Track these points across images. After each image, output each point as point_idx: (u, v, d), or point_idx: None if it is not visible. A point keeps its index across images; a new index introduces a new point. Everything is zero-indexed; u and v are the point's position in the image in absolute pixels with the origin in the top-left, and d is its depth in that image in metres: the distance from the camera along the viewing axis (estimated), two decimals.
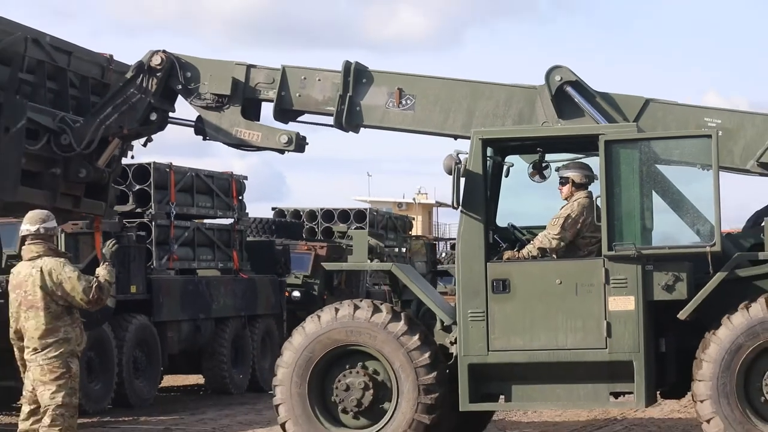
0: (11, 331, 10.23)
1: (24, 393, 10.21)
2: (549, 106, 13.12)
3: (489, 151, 12.32)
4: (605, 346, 11.64)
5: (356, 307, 12.09)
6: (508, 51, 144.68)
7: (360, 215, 30.66)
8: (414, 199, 74.27)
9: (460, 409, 11.94)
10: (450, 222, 76.57)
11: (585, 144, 12.37)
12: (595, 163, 12.31)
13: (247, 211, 23.66)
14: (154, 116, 14.01)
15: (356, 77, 13.61)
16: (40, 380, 10.01)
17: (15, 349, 10.28)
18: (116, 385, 18.38)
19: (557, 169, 12.55)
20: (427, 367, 11.86)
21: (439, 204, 75.86)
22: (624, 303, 11.62)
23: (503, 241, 12.58)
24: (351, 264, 12.92)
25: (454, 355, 12.11)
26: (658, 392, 12.37)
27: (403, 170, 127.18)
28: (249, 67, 13.91)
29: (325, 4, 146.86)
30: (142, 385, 19.22)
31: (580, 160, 12.59)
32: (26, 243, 10.12)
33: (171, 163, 20.56)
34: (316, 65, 13.93)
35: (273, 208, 32.03)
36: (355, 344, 12.05)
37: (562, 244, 12.04)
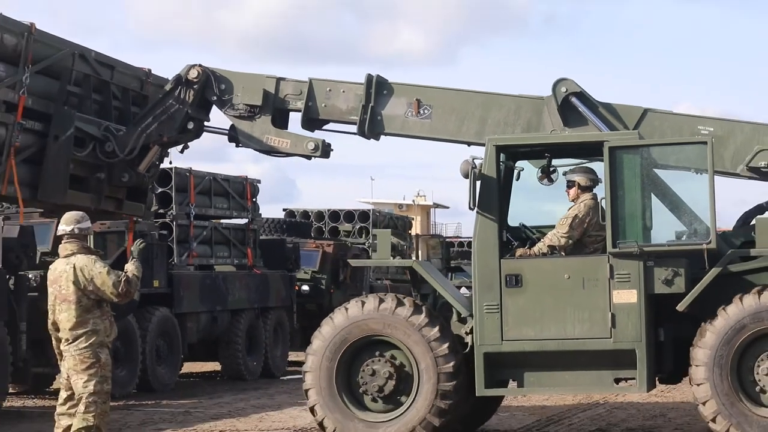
0: (49, 322, 10.39)
1: (61, 380, 10.37)
2: (555, 115, 13.41)
3: (501, 157, 12.55)
4: (610, 336, 11.88)
5: (381, 301, 12.32)
6: (501, 66, 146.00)
7: (364, 216, 31.32)
8: (413, 200, 74.91)
9: (477, 394, 12.16)
10: (446, 222, 77.53)
11: (590, 150, 12.58)
12: (599, 167, 12.61)
13: (260, 212, 23.95)
14: (191, 125, 14.39)
15: (377, 89, 13.94)
16: (73, 369, 10.13)
17: (53, 339, 10.44)
18: (140, 372, 18.78)
19: (565, 173, 12.76)
20: (445, 357, 12.09)
21: (436, 205, 76.57)
22: (627, 296, 11.89)
23: (515, 239, 12.84)
24: (375, 260, 13.28)
25: (469, 344, 12.32)
26: (656, 378, 12.61)
27: (402, 175, 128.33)
28: (279, 79, 14.22)
29: (332, 23, 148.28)
30: (164, 372, 19.61)
31: (585, 165, 12.82)
32: (62, 241, 10.34)
33: (191, 168, 20.93)
34: (338, 78, 14.40)
35: (284, 209, 32.44)
36: (380, 335, 12.31)
37: (570, 242, 12.28)
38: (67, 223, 10.32)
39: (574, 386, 12.59)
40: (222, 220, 22.93)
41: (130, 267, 10.28)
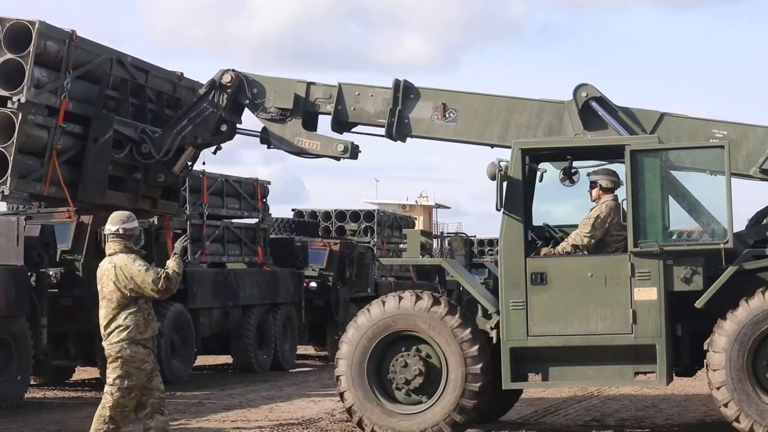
0: (101, 318, 10.37)
1: None
2: (576, 118, 13.67)
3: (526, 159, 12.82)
4: (631, 332, 12.18)
5: (418, 298, 12.60)
6: (500, 72, 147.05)
7: (369, 215, 31.69)
8: (416, 201, 75.35)
9: (503, 388, 12.50)
10: (448, 222, 78.01)
11: (610, 153, 12.92)
12: (618, 169, 13.02)
13: (270, 212, 24.43)
14: (224, 127, 14.64)
15: (405, 93, 14.20)
16: (107, 363, 10.21)
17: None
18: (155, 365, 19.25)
19: (588, 175, 13.10)
20: (474, 358, 12.39)
21: (438, 206, 76.97)
22: (648, 293, 12.19)
23: (538, 238, 13.17)
24: (405, 259, 13.54)
25: (493, 339, 12.62)
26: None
27: (406, 176, 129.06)
28: (309, 84, 14.50)
29: (338, 32, 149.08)
30: (178, 364, 19.93)
31: (608, 167, 13.10)
32: (108, 240, 10.36)
33: (204, 170, 21.16)
34: (366, 83, 14.67)
35: (293, 210, 32.77)
36: (413, 330, 12.62)
37: (593, 241, 12.61)
38: (113, 223, 10.34)
39: (596, 380, 12.94)
40: (234, 220, 23.32)
41: (171, 263, 10.28)
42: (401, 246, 32.35)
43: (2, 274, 15.57)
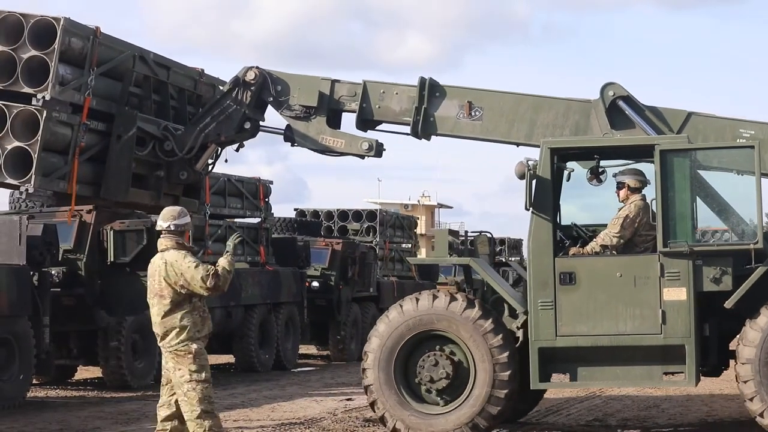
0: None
1: (163, 371, 10.39)
2: (603, 117, 13.64)
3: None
4: (660, 332, 12.14)
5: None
6: (502, 71, 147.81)
7: (371, 215, 31.70)
8: (418, 201, 75.74)
9: (531, 388, 12.47)
10: (450, 221, 78.34)
11: (638, 152, 12.88)
12: (644, 168, 13.00)
13: (272, 211, 24.59)
14: (247, 125, 14.60)
15: (430, 91, 14.17)
16: (170, 365, 10.12)
17: None
18: (158, 364, 18.59)
19: (614, 175, 13.04)
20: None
21: (441, 205, 77.32)
22: (677, 293, 12.15)
23: (566, 238, 13.09)
24: (433, 258, 13.48)
25: (520, 339, 12.58)
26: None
27: (408, 176, 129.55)
28: (333, 81, 14.46)
29: (341, 31, 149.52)
30: None
31: (634, 167, 13.06)
32: (160, 237, 10.29)
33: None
34: (391, 81, 14.75)
35: (295, 209, 32.73)
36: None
37: (622, 241, 12.56)
38: (164, 219, 10.27)
39: (624, 380, 12.87)
40: (236, 219, 23.35)
41: (222, 261, 10.16)
42: (403, 246, 32.39)
43: (4, 273, 15.60)
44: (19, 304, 15.81)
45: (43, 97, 13.45)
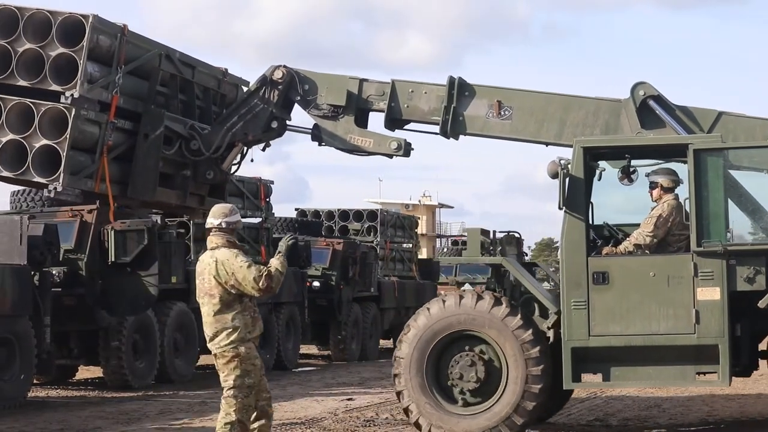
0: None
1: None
2: (633, 117, 13.71)
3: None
4: (694, 332, 12.10)
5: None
6: (503, 71, 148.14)
7: (372, 215, 31.66)
8: (419, 201, 75.81)
9: (564, 388, 12.45)
10: (451, 221, 78.55)
11: (670, 152, 12.89)
12: (675, 167, 13.09)
13: (273, 211, 24.71)
14: (275, 124, 14.64)
15: (459, 90, 14.22)
16: (218, 365, 9.93)
17: None
18: (159, 364, 19.17)
19: (647, 175, 12.99)
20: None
21: (441, 205, 77.37)
22: (711, 293, 12.10)
23: (598, 237, 13.07)
24: (465, 258, 13.45)
25: (550, 338, 12.55)
26: None
27: (409, 176, 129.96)
28: (361, 80, 14.54)
29: (341, 31, 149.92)
30: (181, 364, 19.94)
31: (667, 167, 13.03)
32: (209, 234, 10.09)
33: None
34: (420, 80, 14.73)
35: (296, 209, 32.70)
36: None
37: (655, 240, 12.53)
38: (215, 217, 10.08)
39: (657, 380, 12.90)
40: None
41: (275, 262, 9.99)
42: (404, 246, 32.43)
43: (5, 273, 15.60)
44: (20, 303, 15.83)
45: (72, 95, 13.54)
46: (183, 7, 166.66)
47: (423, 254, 47.38)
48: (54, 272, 16.86)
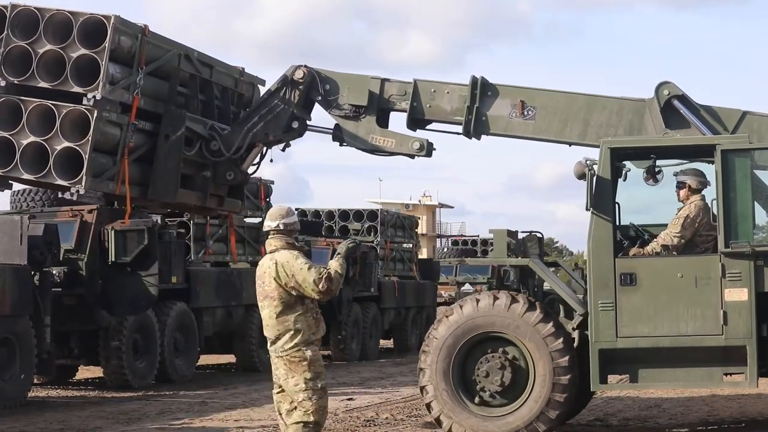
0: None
1: (274, 378, 10.04)
2: (657, 117, 13.72)
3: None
4: (721, 333, 12.14)
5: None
6: (506, 71, 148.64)
7: (372, 215, 31.75)
8: (419, 201, 75.95)
9: (591, 389, 12.52)
10: (451, 221, 78.69)
11: (697, 152, 12.92)
12: (701, 167, 13.18)
13: None
14: (295, 124, 14.65)
15: (482, 90, 14.25)
16: (281, 371, 9.82)
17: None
18: (159, 364, 19.31)
19: (675, 174, 13.09)
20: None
21: (442, 205, 77.53)
22: (738, 294, 12.14)
23: (624, 238, 13.08)
24: (492, 259, 13.48)
25: (575, 340, 12.56)
26: None
27: (409, 176, 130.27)
28: (383, 80, 14.56)
29: (343, 30, 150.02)
30: (181, 364, 20.09)
31: (695, 167, 13.08)
32: (268, 237, 10.00)
33: None
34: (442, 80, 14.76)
35: (297, 209, 32.67)
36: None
37: (683, 241, 12.59)
38: (272, 219, 9.97)
39: (684, 381, 12.89)
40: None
41: (334, 264, 9.86)
42: (404, 246, 32.51)
43: (6, 273, 15.68)
44: (20, 303, 15.91)
45: (94, 97, 13.53)
46: (184, 6, 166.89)
47: (423, 254, 47.44)
48: (54, 272, 16.99)
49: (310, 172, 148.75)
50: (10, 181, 15.66)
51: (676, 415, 14.92)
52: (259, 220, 23.26)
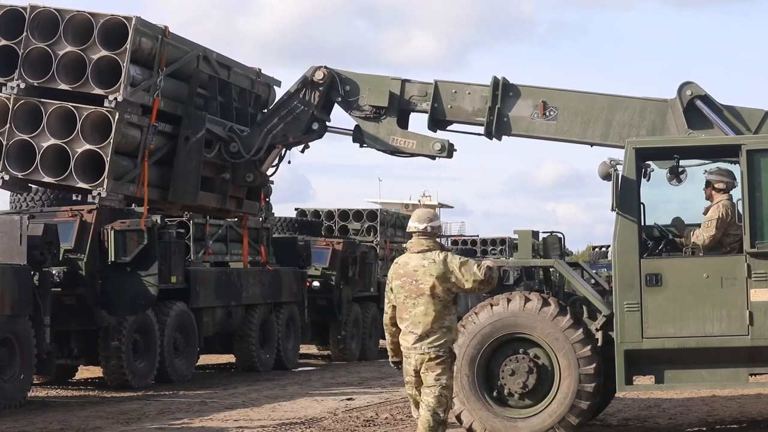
0: (387, 317, 10.58)
1: (406, 378, 10.29)
2: (680, 117, 13.96)
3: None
4: (747, 333, 12.35)
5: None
6: (509, 70, 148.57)
7: (372, 215, 32.32)
8: (419, 200, 75.92)
9: (617, 391, 12.75)
10: (450, 221, 78.75)
11: (721, 152, 13.12)
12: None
13: (273, 211, 24.91)
14: (315, 126, 14.89)
15: (504, 91, 14.47)
16: (425, 365, 10.06)
17: (387, 335, 10.64)
18: (159, 364, 19.58)
19: (705, 172, 13.30)
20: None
21: (441, 205, 77.49)
22: (764, 294, 12.34)
23: (648, 238, 13.25)
24: (517, 260, 13.69)
25: (599, 340, 12.74)
26: None
27: (408, 176, 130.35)
28: (404, 81, 14.79)
29: (346, 30, 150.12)
30: (181, 364, 20.36)
31: (725, 167, 13.29)
32: (414, 237, 10.38)
33: None
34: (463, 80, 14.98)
35: (296, 209, 33.28)
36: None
37: (714, 242, 12.88)
38: (420, 221, 10.35)
39: (710, 382, 13.08)
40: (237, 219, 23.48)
41: (487, 261, 10.28)
42: (404, 245, 32.66)
43: (5, 273, 15.89)
44: (20, 303, 16.11)
45: (116, 99, 13.71)
46: (186, 5, 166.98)
47: None
48: (54, 272, 17.22)
49: (310, 172, 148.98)
50: (29, 184, 15.85)
51: (676, 415, 15.12)
52: (259, 220, 23.54)
